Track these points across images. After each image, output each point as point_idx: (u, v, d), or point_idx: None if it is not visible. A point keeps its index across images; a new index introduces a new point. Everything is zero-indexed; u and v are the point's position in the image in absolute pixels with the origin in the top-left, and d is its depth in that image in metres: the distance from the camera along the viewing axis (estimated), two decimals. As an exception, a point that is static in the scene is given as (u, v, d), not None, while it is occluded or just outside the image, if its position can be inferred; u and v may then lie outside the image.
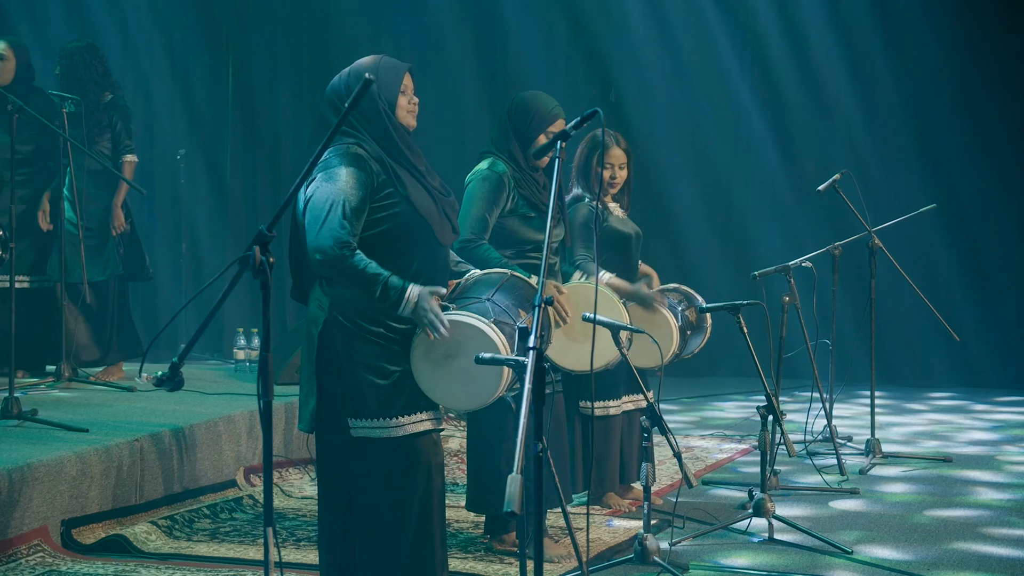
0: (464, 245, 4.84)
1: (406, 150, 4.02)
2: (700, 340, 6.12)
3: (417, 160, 4.06)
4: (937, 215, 8.81)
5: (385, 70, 4.05)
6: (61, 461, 5.11)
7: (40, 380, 7.19)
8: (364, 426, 3.96)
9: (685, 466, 4.61)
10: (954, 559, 5.05)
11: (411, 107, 4.11)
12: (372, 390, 3.93)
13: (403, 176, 3.98)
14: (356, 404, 3.96)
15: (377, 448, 3.96)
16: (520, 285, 4.24)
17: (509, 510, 2.94)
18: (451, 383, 3.93)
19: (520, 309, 4.12)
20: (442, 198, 4.09)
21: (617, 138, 5.85)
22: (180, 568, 4.85)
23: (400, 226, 3.96)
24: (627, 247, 5.87)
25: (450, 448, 7.10)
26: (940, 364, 10.16)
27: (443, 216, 4.07)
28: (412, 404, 3.97)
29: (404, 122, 4.08)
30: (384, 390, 3.94)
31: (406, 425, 3.97)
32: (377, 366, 3.93)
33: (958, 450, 7.39)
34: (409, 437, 3.97)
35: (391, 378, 3.94)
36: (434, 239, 4.04)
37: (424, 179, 4.05)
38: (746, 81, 10.78)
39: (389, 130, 4.00)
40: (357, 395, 3.95)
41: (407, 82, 4.09)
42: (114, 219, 7.30)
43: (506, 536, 5.07)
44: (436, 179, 4.13)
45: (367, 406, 3.95)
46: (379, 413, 3.95)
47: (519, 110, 5.08)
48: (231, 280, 3.12)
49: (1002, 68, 10.13)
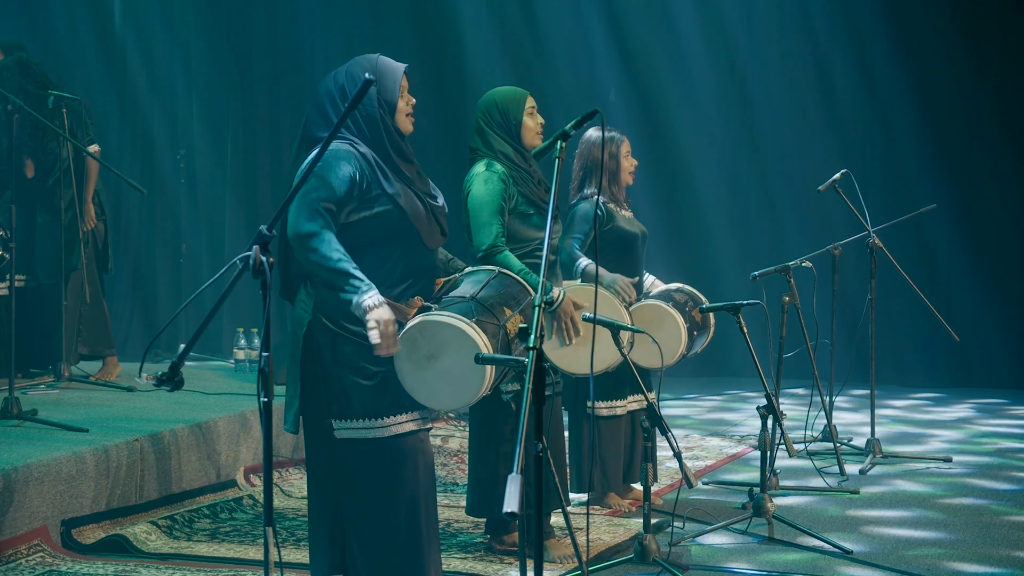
0: (487, 253, 4.81)
1: (398, 156, 3.99)
2: (704, 339, 6.12)
3: (408, 165, 4.03)
4: (937, 215, 8.80)
5: (383, 72, 4.02)
6: (61, 461, 5.11)
7: (39, 380, 7.19)
8: (349, 427, 3.94)
9: (685, 466, 4.61)
10: (954, 559, 5.05)
11: (409, 109, 4.09)
12: (357, 391, 3.92)
13: (392, 179, 3.96)
14: (341, 405, 3.94)
15: (363, 449, 3.95)
16: (507, 283, 4.23)
17: (509, 510, 2.94)
18: (434, 383, 3.91)
19: (505, 307, 4.11)
20: (431, 202, 4.07)
21: (621, 132, 5.93)
22: (180, 568, 4.85)
23: (386, 228, 3.93)
24: (633, 247, 5.88)
25: (450, 448, 7.10)
26: (940, 364, 10.16)
27: (432, 219, 4.05)
28: (397, 405, 3.95)
29: (402, 126, 4.05)
30: (368, 391, 3.92)
31: (391, 426, 3.95)
32: (361, 367, 3.92)
33: (958, 450, 7.38)
34: (394, 438, 3.95)
35: (375, 379, 3.93)
36: (421, 243, 4.02)
37: (413, 184, 4.03)
38: (746, 81, 10.77)
39: (383, 135, 3.97)
40: (342, 396, 3.93)
41: (404, 83, 4.07)
42: (86, 214, 7.25)
43: (506, 536, 5.07)
44: (427, 183, 4.10)
45: (352, 407, 3.93)
46: (364, 414, 3.93)
47: (491, 108, 5.03)
48: (231, 280, 3.11)
49: (1005, 66, 10.13)
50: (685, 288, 6.15)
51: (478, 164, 5.00)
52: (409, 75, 4.10)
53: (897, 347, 10.25)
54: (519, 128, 5.01)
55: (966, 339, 8.72)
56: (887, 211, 8.60)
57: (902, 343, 10.26)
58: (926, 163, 10.25)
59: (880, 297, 7.47)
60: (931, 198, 8.47)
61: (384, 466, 3.96)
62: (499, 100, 5.05)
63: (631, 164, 5.95)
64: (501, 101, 5.04)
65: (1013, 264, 10.19)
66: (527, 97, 5.08)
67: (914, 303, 8.10)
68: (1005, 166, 10.13)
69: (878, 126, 10.45)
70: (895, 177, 10.25)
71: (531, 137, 5.03)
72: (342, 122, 3.39)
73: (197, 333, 3.15)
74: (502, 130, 5.01)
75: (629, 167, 5.94)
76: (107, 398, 6.75)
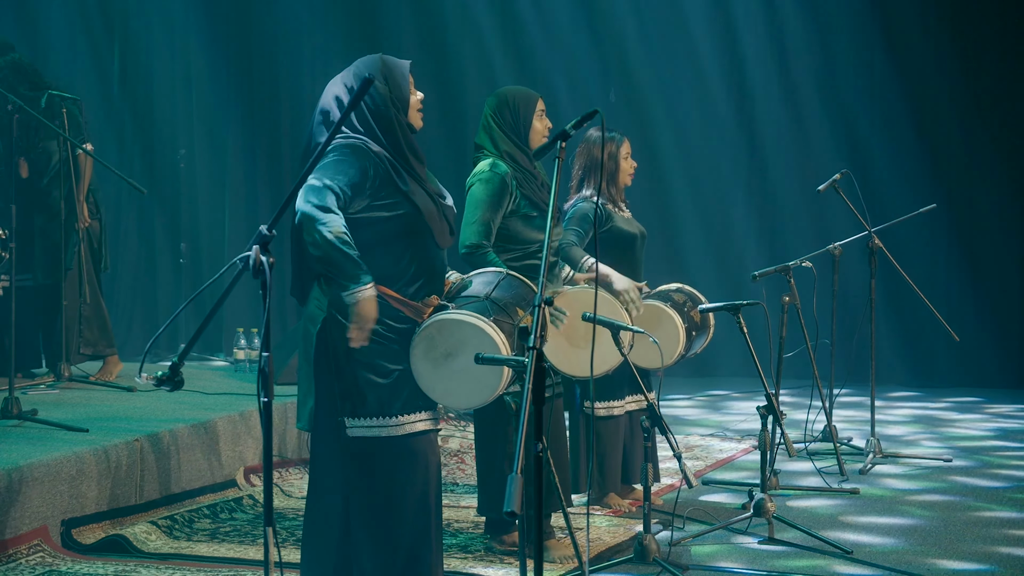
0: (470, 251, 4.81)
1: (411, 154, 4.01)
2: (704, 340, 6.12)
3: (419, 163, 4.05)
4: (938, 215, 8.80)
5: (392, 69, 4.03)
6: (61, 461, 5.11)
7: (39, 380, 7.19)
8: (362, 425, 3.95)
9: (685, 466, 4.61)
10: (954, 559, 5.05)
11: (419, 104, 4.10)
12: (371, 389, 3.93)
13: (406, 177, 3.98)
14: (354, 403, 3.95)
15: (375, 448, 3.96)
16: (516, 284, 4.24)
17: (509, 510, 2.94)
18: (451, 382, 3.92)
19: (517, 307, 4.12)
20: (440, 201, 4.09)
21: (621, 132, 5.92)
22: (180, 568, 4.85)
23: (401, 227, 3.96)
24: (632, 247, 5.87)
25: (450, 448, 7.10)
26: (940, 364, 10.15)
27: (442, 219, 4.07)
28: (411, 404, 3.97)
29: (413, 122, 4.07)
30: (384, 389, 3.93)
31: (405, 424, 3.96)
32: (376, 364, 3.93)
33: (958, 450, 7.38)
34: (407, 436, 3.97)
35: (390, 377, 3.94)
36: (433, 241, 4.04)
37: (424, 183, 4.05)
38: (746, 81, 10.77)
39: (398, 133, 3.98)
40: (356, 394, 3.94)
41: (411, 79, 4.08)
42: (79, 212, 7.25)
43: (506, 536, 5.06)
44: (434, 183, 4.13)
45: (366, 405, 3.94)
46: (378, 412, 3.94)
47: (503, 107, 5.03)
48: (231, 280, 3.12)
49: (1000, 66, 10.13)
50: (684, 288, 6.14)
51: (482, 163, 5.00)
52: (413, 71, 4.12)
53: (897, 347, 10.24)
54: (528, 130, 5.01)
55: (966, 339, 8.70)
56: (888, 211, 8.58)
57: (902, 343, 10.25)
58: (926, 163, 10.24)
59: (880, 297, 7.46)
60: (931, 198, 8.46)
61: (396, 465, 3.96)
62: (511, 99, 5.04)
63: (630, 165, 5.94)
64: (513, 100, 5.04)
65: (1014, 264, 10.18)
66: (538, 100, 5.07)
67: (914, 303, 8.09)
68: (1005, 166, 10.13)
69: (878, 126, 10.44)
70: (895, 177, 10.24)
71: (537, 140, 5.03)
72: (344, 118, 3.39)
73: (197, 333, 3.15)
74: (511, 130, 5.01)
75: (628, 168, 5.93)
76: (107, 398, 6.75)
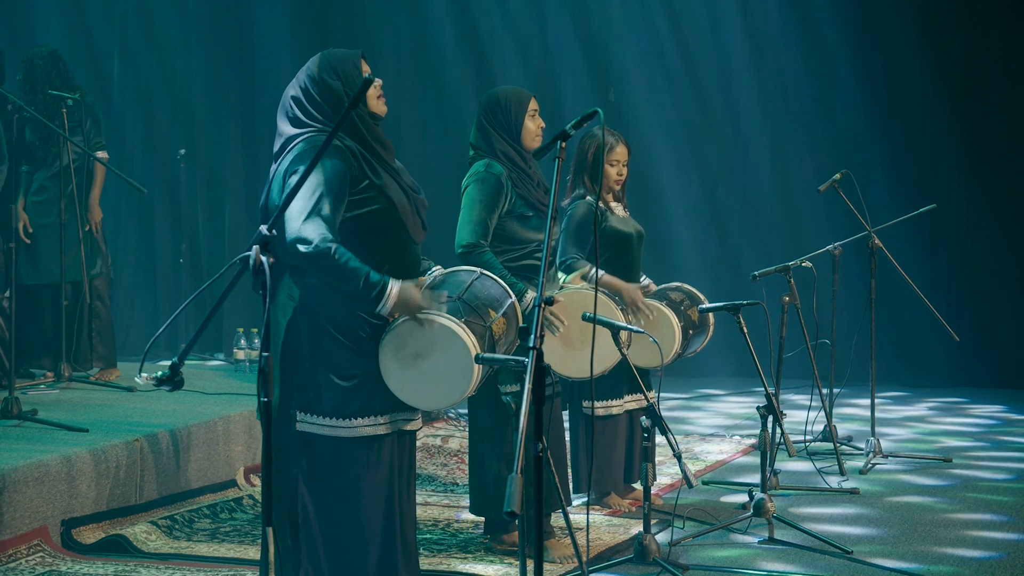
0: (468, 251, 4.80)
1: (376, 143, 3.97)
2: (703, 339, 6.12)
3: (389, 155, 4.01)
4: (937, 215, 8.80)
5: (341, 62, 3.98)
6: (61, 461, 5.11)
7: (39, 380, 7.19)
8: (312, 422, 3.91)
9: (685, 466, 4.61)
10: (954, 558, 5.05)
11: (379, 91, 4.06)
12: (329, 389, 3.88)
13: (379, 170, 3.95)
14: (309, 399, 3.90)
15: (324, 445, 3.90)
16: (490, 285, 4.21)
17: (509, 509, 2.94)
18: (419, 383, 3.88)
19: (490, 309, 4.10)
20: (414, 195, 4.05)
21: (617, 136, 5.87)
22: (180, 568, 4.85)
23: (376, 221, 3.91)
24: (628, 246, 5.85)
25: (450, 448, 7.10)
26: (940, 364, 10.15)
27: (415, 213, 4.02)
28: (368, 407, 3.90)
29: (376, 109, 4.03)
30: (342, 391, 3.87)
31: (360, 427, 3.90)
32: (339, 366, 3.88)
33: (958, 450, 7.38)
34: (362, 439, 3.90)
35: (351, 381, 3.88)
36: (408, 236, 4.00)
37: (397, 175, 4.02)
38: (746, 80, 10.77)
39: (359, 123, 3.94)
40: (312, 390, 3.89)
41: (365, 67, 4.03)
42: (92, 214, 7.27)
43: (506, 536, 5.06)
44: (407, 176, 4.08)
45: (321, 404, 3.88)
46: (333, 413, 3.88)
47: (495, 106, 5.02)
48: (231, 280, 3.11)
49: (998, 68, 10.13)
50: (683, 287, 6.14)
51: (478, 163, 4.99)
52: (367, 59, 4.07)
53: (897, 347, 10.24)
54: (520, 129, 5.01)
55: (965, 339, 8.70)
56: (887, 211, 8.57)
57: (902, 343, 10.25)
58: (925, 163, 10.24)
59: (880, 297, 7.46)
60: (931, 198, 8.46)
61: (347, 465, 3.90)
62: (502, 99, 5.04)
63: (616, 171, 5.83)
64: (504, 100, 5.03)
65: (1013, 263, 10.18)
66: (531, 99, 5.07)
67: (914, 303, 8.09)
68: (1001, 167, 10.13)
69: (878, 126, 10.44)
70: (895, 177, 10.24)
71: (530, 140, 5.02)
72: (341, 123, 3.38)
73: (197, 333, 3.15)
74: (503, 129, 5.00)
75: (614, 174, 5.84)
76: (107, 398, 6.75)
